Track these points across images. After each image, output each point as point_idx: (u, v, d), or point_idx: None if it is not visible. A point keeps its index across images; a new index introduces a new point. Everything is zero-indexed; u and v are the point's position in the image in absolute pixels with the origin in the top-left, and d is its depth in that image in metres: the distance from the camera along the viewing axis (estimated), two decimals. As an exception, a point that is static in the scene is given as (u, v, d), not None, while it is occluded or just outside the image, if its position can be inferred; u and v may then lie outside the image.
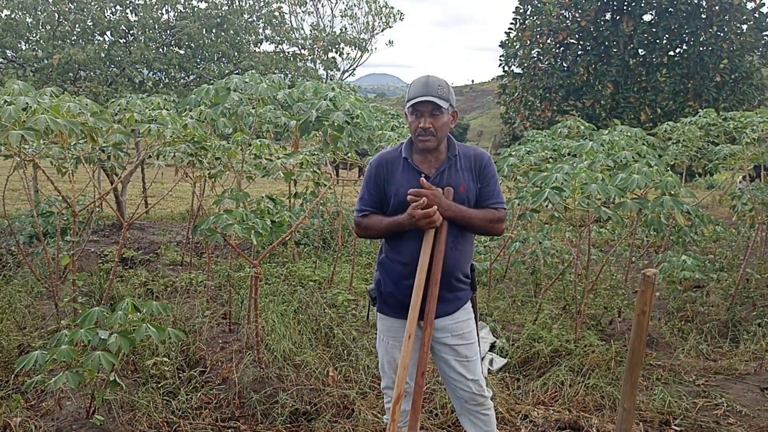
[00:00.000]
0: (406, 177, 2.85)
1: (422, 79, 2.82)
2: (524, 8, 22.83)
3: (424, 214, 2.66)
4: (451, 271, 2.89)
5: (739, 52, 20.19)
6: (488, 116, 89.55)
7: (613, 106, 20.91)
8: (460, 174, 2.88)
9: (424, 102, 2.74)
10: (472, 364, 3.02)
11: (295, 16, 30.25)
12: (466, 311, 3.03)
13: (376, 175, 2.93)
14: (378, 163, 2.95)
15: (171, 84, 13.34)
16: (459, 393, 3.06)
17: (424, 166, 2.87)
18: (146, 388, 4.11)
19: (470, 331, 3.02)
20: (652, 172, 4.63)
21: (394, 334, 2.98)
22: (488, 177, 2.94)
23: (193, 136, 4.52)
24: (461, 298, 3.01)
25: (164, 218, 12.61)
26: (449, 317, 2.96)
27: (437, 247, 2.72)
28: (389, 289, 2.95)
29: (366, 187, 2.97)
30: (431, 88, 2.76)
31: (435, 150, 2.86)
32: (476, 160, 2.93)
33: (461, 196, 2.86)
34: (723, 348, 5.78)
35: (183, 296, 6.18)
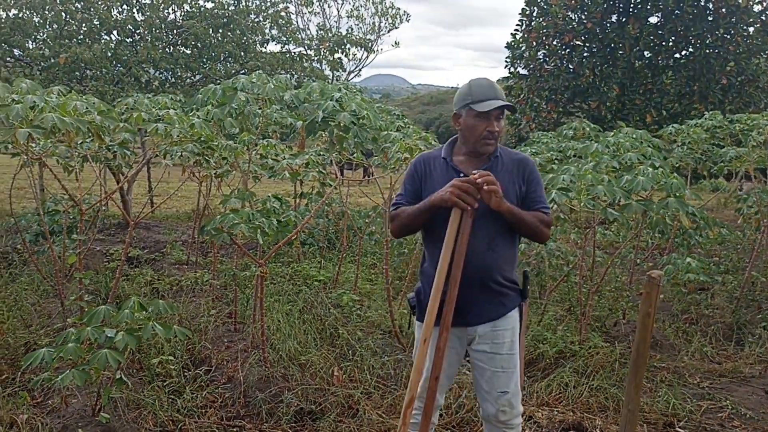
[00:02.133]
0: (444, 177, 2.78)
1: (484, 81, 2.81)
2: (530, 10, 22.80)
3: (465, 187, 2.56)
4: (489, 274, 2.81)
5: (746, 55, 20.14)
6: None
7: (618, 108, 20.87)
8: (499, 176, 2.79)
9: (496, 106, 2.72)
10: (506, 375, 2.92)
11: (301, 17, 30.27)
12: (510, 319, 2.93)
13: (415, 173, 2.91)
14: (418, 161, 2.95)
15: (177, 84, 13.36)
16: (486, 405, 2.99)
17: (463, 167, 2.83)
18: (152, 386, 4.13)
19: (512, 341, 2.92)
20: (657, 174, 4.64)
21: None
22: (534, 182, 2.91)
23: (199, 135, 4.53)
24: (506, 305, 2.91)
25: (170, 217, 12.66)
26: (490, 324, 2.87)
27: (460, 239, 2.60)
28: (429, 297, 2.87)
29: (404, 184, 2.95)
30: (498, 92, 2.76)
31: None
32: (520, 165, 2.90)
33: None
34: (728, 351, 5.77)
35: (188, 295, 6.20)
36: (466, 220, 2.59)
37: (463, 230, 2.57)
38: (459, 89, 2.90)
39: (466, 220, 2.59)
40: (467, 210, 2.58)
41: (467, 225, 2.58)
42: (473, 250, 2.73)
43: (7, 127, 3.56)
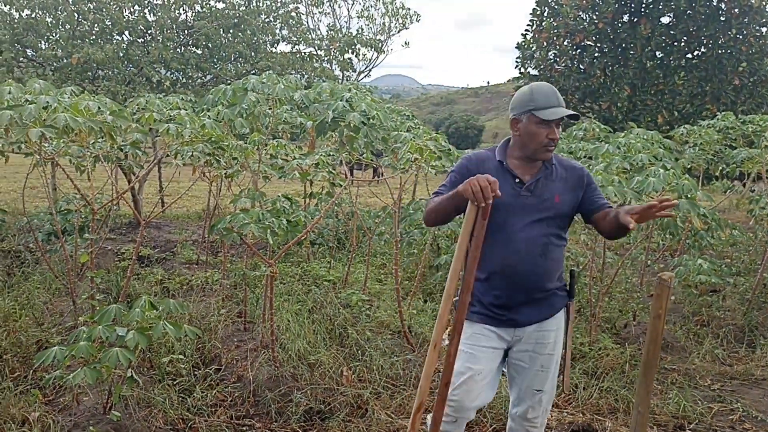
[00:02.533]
0: (500, 180, 2.68)
1: (548, 87, 2.78)
2: (541, 10, 22.77)
3: (483, 184, 2.41)
4: (540, 279, 2.83)
5: (758, 55, 20.04)
6: (504, 118, 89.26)
7: (630, 109, 20.80)
8: (555, 184, 2.83)
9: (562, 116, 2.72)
10: (545, 374, 2.95)
11: (311, 17, 30.34)
12: (556, 320, 2.95)
13: (466, 170, 2.80)
14: (470, 159, 2.89)
15: (188, 84, 13.41)
16: (518, 402, 3.03)
17: (519, 172, 2.81)
18: (162, 385, 4.15)
19: (555, 341, 2.95)
20: (669, 175, 4.62)
21: (474, 341, 2.90)
22: (594, 185, 2.95)
23: (210, 135, 4.55)
24: (554, 306, 2.94)
25: (180, 217, 12.70)
26: (536, 325, 2.90)
27: (474, 242, 2.52)
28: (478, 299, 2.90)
29: (449, 177, 2.87)
30: (560, 99, 2.75)
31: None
32: (576, 173, 2.91)
33: (556, 206, 2.82)
34: (739, 353, 5.74)
35: (198, 295, 6.23)
36: (479, 221, 2.50)
37: (477, 232, 2.51)
38: (518, 93, 2.84)
39: (479, 220, 2.50)
40: (481, 206, 2.47)
41: (481, 227, 2.49)
42: (526, 256, 2.76)
43: (20, 126, 3.58)
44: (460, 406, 2.88)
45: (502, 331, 2.89)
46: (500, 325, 2.87)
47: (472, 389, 2.86)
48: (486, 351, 2.88)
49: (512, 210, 2.76)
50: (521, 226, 2.76)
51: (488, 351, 2.88)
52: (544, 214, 2.79)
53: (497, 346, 2.91)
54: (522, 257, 2.76)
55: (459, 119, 73.22)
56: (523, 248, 2.75)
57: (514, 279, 2.79)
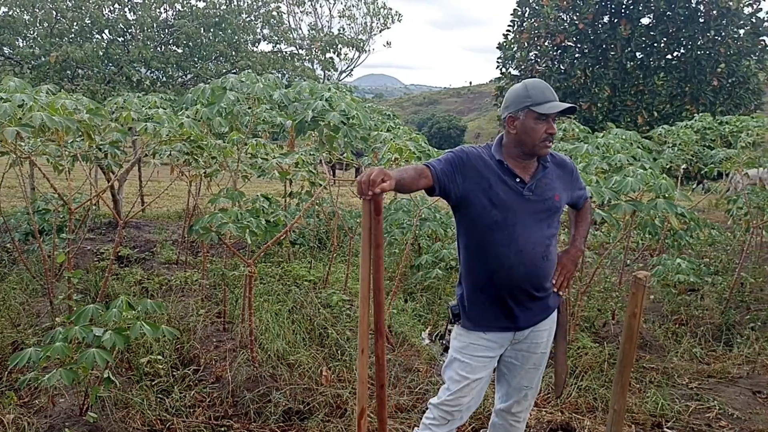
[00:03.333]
0: (501, 179, 2.72)
1: (541, 82, 2.74)
2: (522, 10, 22.88)
3: (372, 177, 2.28)
4: (541, 281, 2.81)
5: (736, 57, 20.27)
6: (486, 118, 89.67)
7: (610, 109, 20.96)
8: (553, 182, 2.81)
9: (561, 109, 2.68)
10: (535, 371, 2.97)
11: (293, 16, 30.27)
12: (550, 319, 2.95)
13: (462, 162, 2.71)
14: (470, 152, 2.76)
15: (168, 83, 13.35)
16: (504, 397, 3.05)
17: (518, 171, 2.76)
18: (140, 385, 4.11)
19: (547, 340, 2.96)
20: (647, 175, 4.65)
21: (471, 351, 2.87)
22: (579, 177, 3.00)
23: (188, 135, 4.52)
24: (550, 306, 2.93)
25: (160, 217, 12.61)
26: (532, 326, 2.89)
27: (374, 241, 2.35)
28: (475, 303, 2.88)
29: (445, 155, 2.75)
30: (555, 94, 2.73)
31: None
32: (567, 167, 2.92)
33: (556, 205, 2.82)
34: (716, 351, 5.80)
35: (178, 295, 6.18)
36: (374, 217, 2.33)
37: (374, 229, 2.34)
38: (512, 91, 2.79)
39: (374, 216, 2.33)
40: (366, 198, 2.30)
41: (377, 223, 2.33)
42: (529, 258, 2.72)
43: (-6, 125, 3.54)
44: (455, 410, 2.87)
45: (501, 336, 2.85)
46: (500, 330, 2.84)
47: (466, 395, 2.85)
48: (483, 360, 2.85)
49: (514, 210, 2.71)
50: (523, 227, 2.71)
51: (485, 360, 2.85)
52: (545, 213, 2.76)
53: (494, 355, 2.88)
54: (524, 259, 2.71)
55: (442, 119, 73.46)
56: (526, 250, 2.70)
57: (516, 282, 2.74)
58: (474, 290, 2.81)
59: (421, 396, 4.28)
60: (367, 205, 2.31)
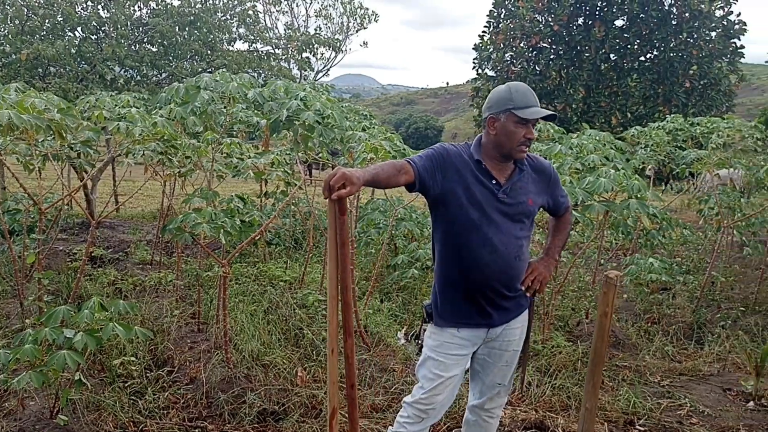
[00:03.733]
0: (478, 180, 2.74)
1: (525, 86, 2.75)
2: (498, 12, 23.03)
3: (337, 179, 2.26)
4: (514, 280, 2.85)
5: (708, 59, 20.59)
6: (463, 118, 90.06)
7: (584, 110, 21.17)
8: (528, 186, 2.84)
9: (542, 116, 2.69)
10: (507, 369, 3.02)
11: (269, 16, 30.12)
12: (522, 317, 3.00)
13: (446, 158, 2.73)
14: (450, 150, 2.78)
15: (143, 82, 13.22)
16: (477, 394, 3.10)
17: (495, 173, 2.78)
18: (112, 387, 4.06)
19: (519, 338, 3.00)
20: (619, 175, 4.71)
21: (445, 350, 2.90)
22: (558, 185, 3.01)
23: (162, 134, 4.48)
24: (522, 305, 2.98)
25: (135, 217, 12.48)
26: (504, 324, 2.92)
27: (339, 240, 2.33)
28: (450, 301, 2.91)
29: (426, 152, 2.75)
30: (537, 100, 2.74)
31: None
32: (545, 173, 2.94)
33: (529, 209, 2.83)
34: (688, 349, 5.88)
35: (152, 295, 6.11)
36: (339, 218, 2.31)
37: (339, 229, 2.32)
38: (495, 92, 2.80)
39: (339, 217, 2.31)
40: (332, 199, 2.29)
41: (342, 223, 2.31)
42: (502, 258, 2.76)
43: (-38, 123, 3.48)
44: (429, 408, 2.89)
45: (474, 334, 2.88)
46: (473, 327, 2.87)
47: (440, 393, 2.87)
48: (456, 358, 2.87)
49: (489, 210, 2.73)
50: (497, 228, 2.74)
51: (458, 358, 2.88)
52: (519, 216, 2.79)
53: (467, 353, 2.91)
54: (497, 258, 2.74)
55: (419, 119, 73.68)
56: (498, 250, 2.74)
57: (489, 281, 2.77)
58: (448, 288, 2.84)
59: (396, 396, 4.28)
60: (331, 205, 2.31)
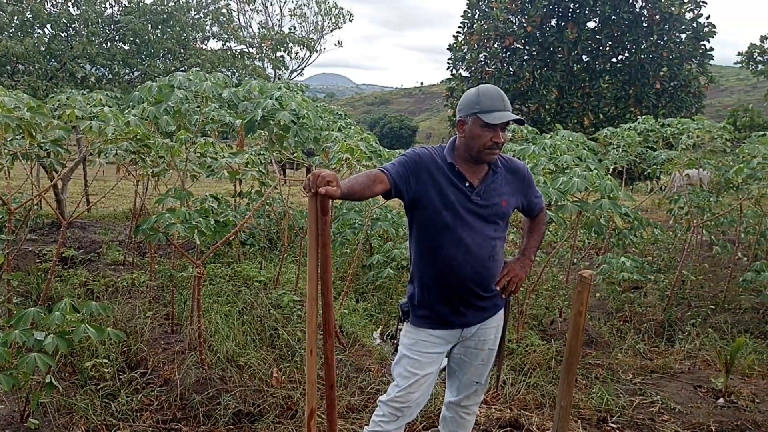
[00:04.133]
0: (451, 182, 2.76)
1: (494, 90, 2.76)
2: (472, 12, 23.12)
3: (319, 176, 2.27)
4: (488, 281, 2.86)
5: (678, 61, 20.88)
6: (437, 118, 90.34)
7: (557, 111, 21.35)
8: (502, 188, 2.86)
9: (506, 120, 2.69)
10: (484, 367, 3.04)
11: (242, 14, 29.95)
12: (498, 316, 3.02)
13: (418, 163, 2.75)
14: (423, 153, 2.80)
15: (114, 80, 13.05)
16: (455, 392, 3.12)
17: (469, 176, 2.79)
18: (84, 390, 4.01)
19: (495, 336, 3.02)
20: (592, 175, 4.76)
21: (420, 348, 2.92)
22: (532, 186, 3.02)
23: (135, 133, 4.43)
24: (497, 304, 2.99)
25: (106, 217, 12.33)
26: (479, 324, 2.95)
27: (321, 241, 2.32)
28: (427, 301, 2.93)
29: (398, 159, 2.77)
30: (506, 103, 2.73)
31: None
32: (519, 173, 2.95)
33: (503, 210, 2.85)
34: (659, 347, 5.97)
35: (124, 296, 6.05)
36: (321, 218, 2.30)
37: (321, 229, 2.31)
38: (465, 95, 2.81)
39: (321, 217, 2.30)
40: (309, 194, 2.30)
41: (324, 223, 2.30)
42: (475, 259, 2.78)
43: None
44: (405, 407, 2.90)
45: (449, 333, 2.91)
46: (447, 327, 2.89)
47: (415, 391, 2.89)
48: (431, 356, 2.90)
49: (462, 213, 2.75)
50: (471, 229, 2.76)
51: (433, 356, 2.91)
52: (492, 218, 2.81)
53: (442, 351, 2.94)
54: (471, 259, 2.77)
55: (393, 119, 73.71)
56: (472, 251, 2.76)
57: (463, 281, 2.79)
58: (423, 288, 2.86)
59: (372, 396, 4.29)
60: (312, 203, 2.31)
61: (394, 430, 2.93)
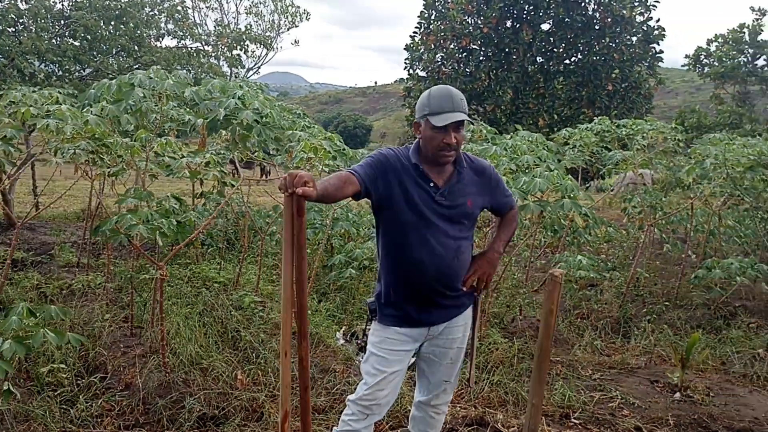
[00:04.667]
0: (416, 183, 2.78)
1: (444, 91, 2.76)
2: (429, 13, 23.24)
3: (297, 177, 2.24)
4: (453, 280, 2.88)
5: (629, 63, 21.36)
6: (391, 118, 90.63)
7: (513, 111, 21.62)
8: (467, 188, 2.87)
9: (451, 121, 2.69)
10: (453, 366, 3.07)
11: (197, 12, 29.50)
12: (465, 315, 3.03)
13: (385, 164, 2.76)
14: (389, 154, 2.81)
15: (65, 77, 12.71)
16: (424, 391, 3.14)
17: (433, 176, 2.81)
18: (42, 396, 3.90)
19: (463, 335, 3.04)
20: (553, 176, 4.83)
21: (387, 346, 2.93)
22: (499, 184, 3.04)
23: (93, 132, 4.32)
24: (465, 303, 3.02)
25: (56, 217, 12.01)
26: (446, 323, 2.96)
27: (296, 242, 2.31)
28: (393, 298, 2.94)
29: (365, 160, 2.79)
30: (457, 103, 2.71)
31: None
32: (484, 174, 2.97)
33: (468, 210, 2.87)
34: (616, 343, 6.10)
35: (80, 299, 5.90)
36: (297, 219, 2.28)
37: (296, 231, 2.29)
38: (420, 97, 2.85)
39: (297, 218, 2.28)
40: (286, 194, 2.26)
41: (299, 225, 2.28)
42: (441, 259, 2.80)
43: None
44: (374, 404, 2.91)
45: (416, 332, 2.93)
46: (414, 325, 2.91)
47: (384, 388, 2.90)
48: (398, 354, 2.92)
49: (427, 213, 2.77)
50: (436, 230, 2.79)
51: (401, 354, 2.92)
52: (457, 218, 2.84)
53: (409, 348, 2.96)
54: (436, 259, 2.79)
55: (347, 118, 73.68)
56: (436, 251, 2.78)
57: (428, 281, 2.82)
58: (390, 287, 2.88)
59: (338, 396, 4.27)
60: (288, 203, 2.28)
61: (364, 428, 2.93)
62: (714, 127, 28.09)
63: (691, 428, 4.28)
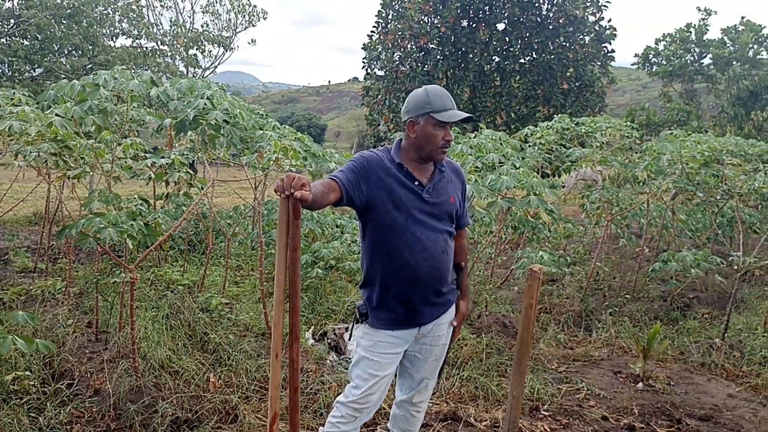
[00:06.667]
0: (401, 183, 2.79)
1: (441, 90, 2.82)
2: (386, 12, 23.28)
3: (295, 180, 2.25)
4: (443, 275, 2.91)
5: (583, 62, 21.77)
6: (345, 117, 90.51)
7: (471, 110, 21.81)
8: (448, 185, 2.93)
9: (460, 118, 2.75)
10: (436, 363, 3.10)
11: (152, 11, 28.96)
12: (449, 313, 3.06)
13: (367, 167, 2.75)
14: (371, 158, 2.80)
15: (15, 77, 12.38)
16: (405, 389, 3.15)
17: (416, 174, 2.84)
18: (8, 405, 3.81)
19: (447, 333, 3.07)
20: (519, 173, 4.92)
21: (379, 350, 2.94)
22: (465, 193, 3.07)
23: (56, 134, 4.23)
24: (451, 300, 3.05)
25: (7, 222, 11.67)
26: (435, 321, 2.98)
27: (291, 243, 2.31)
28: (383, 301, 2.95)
29: (347, 165, 2.76)
30: (454, 102, 2.79)
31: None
32: (460, 176, 3.04)
33: (451, 207, 2.91)
34: (578, 336, 6.24)
35: (41, 305, 5.77)
36: (292, 221, 2.29)
37: (292, 233, 2.30)
38: (413, 96, 2.86)
39: (292, 221, 2.29)
40: (282, 196, 2.28)
41: (295, 227, 2.30)
42: (430, 256, 2.82)
43: None
44: (364, 407, 2.92)
45: (407, 333, 2.94)
46: (406, 327, 2.92)
47: (375, 392, 2.92)
48: (390, 357, 2.92)
49: (414, 212, 2.80)
50: (424, 228, 2.81)
51: (392, 357, 2.93)
52: (442, 214, 2.89)
53: (400, 351, 2.97)
54: (426, 257, 2.81)
55: (301, 118, 73.41)
56: (427, 248, 2.81)
57: (419, 279, 2.83)
58: (382, 290, 2.87)
59: (312, 396, 4.28)
60: (284, 206, 2.29)
61: (352, 430, 2.94)
62: (663, 125, 28.79)
63: (655, 416, 4.42)
